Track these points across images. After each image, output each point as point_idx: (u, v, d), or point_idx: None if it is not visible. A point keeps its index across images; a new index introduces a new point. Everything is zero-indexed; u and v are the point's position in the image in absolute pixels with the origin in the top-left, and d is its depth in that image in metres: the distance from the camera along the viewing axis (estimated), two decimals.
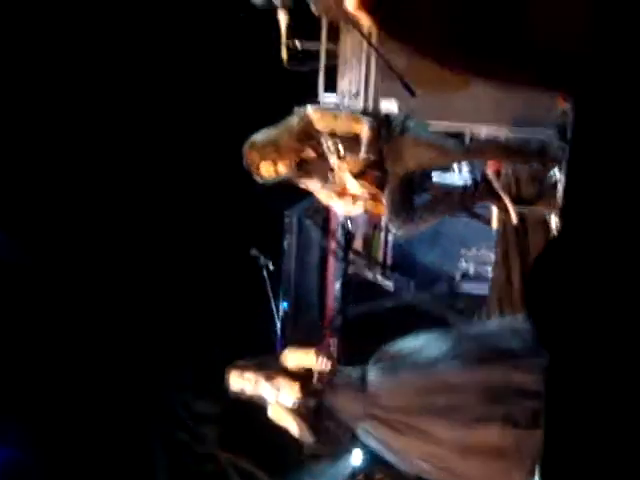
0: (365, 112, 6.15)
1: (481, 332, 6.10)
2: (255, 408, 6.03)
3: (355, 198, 6.31)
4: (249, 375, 5.97)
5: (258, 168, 6.07)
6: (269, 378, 5.93)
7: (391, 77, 5.72)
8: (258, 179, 6.10)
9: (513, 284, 6.44)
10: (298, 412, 5.86)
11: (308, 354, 6.03)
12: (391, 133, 6.12)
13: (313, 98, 6.64)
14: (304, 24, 6.49)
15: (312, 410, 5.87)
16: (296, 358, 6.00)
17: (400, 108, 6.21)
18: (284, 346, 7.40)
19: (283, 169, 6.09)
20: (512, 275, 6.55)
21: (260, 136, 6.11)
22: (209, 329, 8.81)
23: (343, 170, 6.09)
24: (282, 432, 6.00)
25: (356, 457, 7.99)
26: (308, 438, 6.00)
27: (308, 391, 5.88)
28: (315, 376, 5.92)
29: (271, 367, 5.97)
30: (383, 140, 6.09)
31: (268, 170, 6.07)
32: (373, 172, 6.15)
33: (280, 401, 5.89)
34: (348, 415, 5.86)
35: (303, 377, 5.90)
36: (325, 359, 5.94)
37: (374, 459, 7.54)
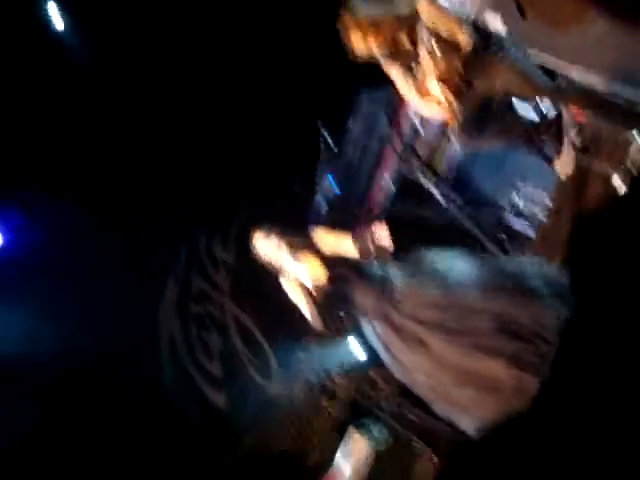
0: (471, 22, 6.03)
1: (513, 267, 6.06)
2: (270, 273, 6.04)
3: (432, 99, 6.24)
4: (274, 239, 5.97)
5: (349, 35, 5.99)
6: (294, 249, 5.93)
7: None
8: (346, 47, 6.01)
9: (561, 233, 6.38)
10: (312, 295, 5.87)
11: (342, 239, 6.02)
12: (488, 49, 6.01)
13: None
14: None
15: (327, 296, 5.87)
16: (329, 240, 5.99)
17: (505, 26, 6.09)
18: (318, 221, 7.40)
19: (373, 45, 6.00)
20: (562, 223, 6.48)
21: (364, 5, 6.01)
22: (249, 180, 8.82)
23: (429, 69, 6.00)
24: (290, 304, 6.01)
25: (353, 346, 8.08)
26: (315, 321, 6.02)
27: (330, 276, 5.88)
28: (341, 262, 5.92)
29: (300, 240, 5.96)
30: (478, 54, 5.98)
31: (358, 41, 5.98)
32: (457, 80, 6.05)
33: (298, 277, 5.90)
34: (362, 309, 5.87)
35: (329, 260, 5.90)
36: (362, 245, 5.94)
37: (370, 356, 7.62)
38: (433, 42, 5.84)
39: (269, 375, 8.23)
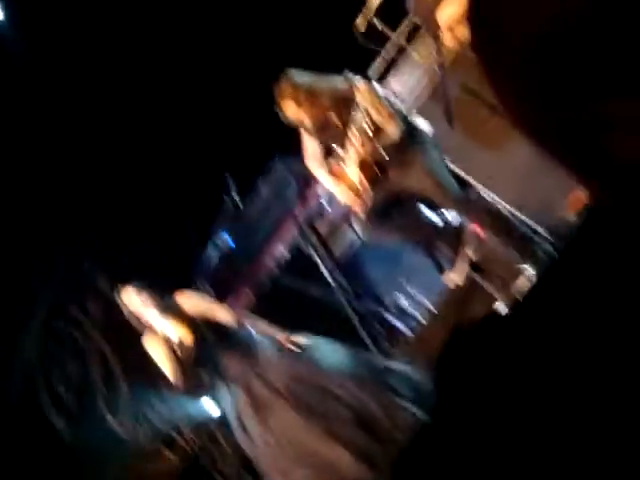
0: (402, 116, 6.12)
1: (380, 363, 6.10)
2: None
3: (345, 182, 6.29)
4: (145, 297, 5.95)
5: (282, 102, 6.02)
6: (163, 308, 5.90)
7: (439, 99, 5.72)
8: (277, 109, 6.05)
9: (436, 339, 6.45)
10: (176, 353, 5.82)
11: (215, 303, 6.03)
12: (411, 145, 6.10)
13: (363, 74, 6.59)
14: (391, 7, 6.43)
15: (191, 356, 5.84)
16: (200, 302, 5.99)
17: (432, 128, 6.20)
18: (203, 274, 7.35)
19: (304, 117, 6.04)
20: (439, 330, 6.55)
21: (301, 76, 6.05)
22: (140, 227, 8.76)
23: (352, 151, 6.06)
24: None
25: (207, 404, 7.99)
26: (175, 378, 5.96)
27: (196, 338, 5.84)
28: (209, 325, 5.90)
29: (170, 300, 5.95)
30: (401, 147, 6.06)
31: (290, 109, 6.02)
32: (374, 169, 6.12)
33: (164, 334, 5.85)
34: (224, 372, 5.83)
35: (196, 322, 5.87)
36: (231, 316, 5.94)
37: (221, 418, 7.55)
38: (363, 124, 5.89)
39: (117, 412, 8.10)
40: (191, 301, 5.99)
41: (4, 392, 7.84)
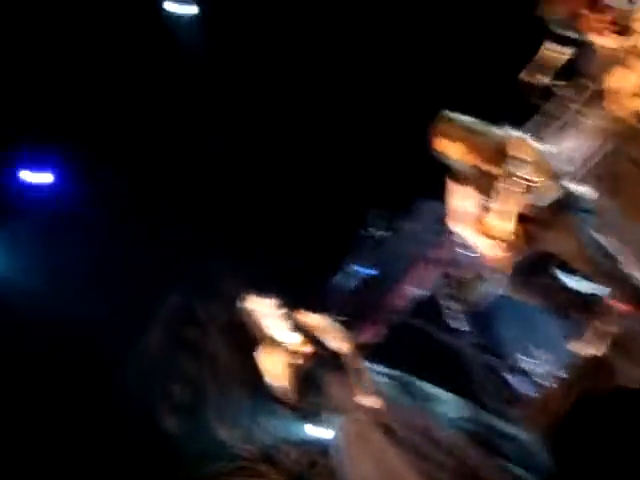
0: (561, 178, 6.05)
1: (493, 422, 6.02)
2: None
3: (489, 234, 6.23)
4: (270, 303, 5.99)
5: (438, 139, 6.02)
6: (287, 322, 5.93)
7: (603, 168, 5.65)
8: (433, 149, 6.04)
9: (560, 407, 6.31)
10: (293, 370, 5.84)
11: (337, 329, 6.04)
12: (565, 210, 6.02)
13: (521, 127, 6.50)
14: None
15: (306, 373, 5.84)
16: (320, 325, 6.00)
17: (591, 200, 6.13)
18: (329, 302, 7.37)
19: (461, 158, 6.02)
20: (565, 399, 6.42)
21: (462, 118, 6.05)
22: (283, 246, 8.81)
23: (503, 204, 6.00)
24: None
25: (311, 428, 8.00)
26: (286, 393, 5.99)
27: (316, 355, 5.85)
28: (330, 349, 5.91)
29: (295, 315, 5.97)
30: (553, 209, 5.99)
31: (445, 147, 6.01)
32: (526, 225, 6.06)
33: (283, 346, 5.87)
34: (334, 400, 5.83)
35: (319, 342, 5.89)
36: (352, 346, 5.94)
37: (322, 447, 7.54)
38: (522, 178, 5.84)
39: (224, 419, 8.16)
40: (314, 320, 6.01)
41: (121, 386, 7.95)
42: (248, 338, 6.59)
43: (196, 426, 8.86)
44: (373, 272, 7.57)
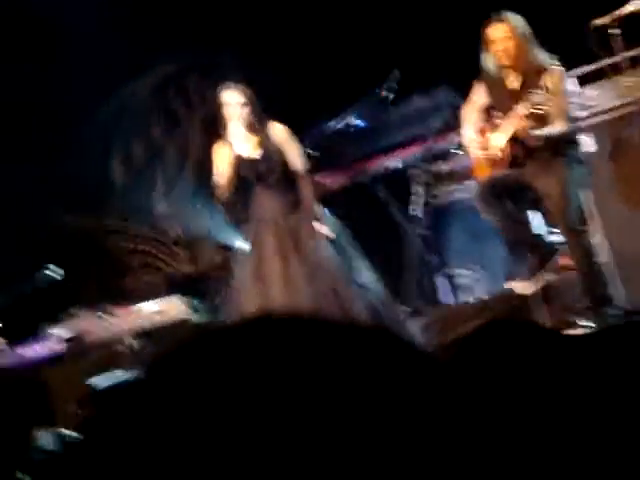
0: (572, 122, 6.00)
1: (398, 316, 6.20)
2: None
3: (485, 145, 6.18)
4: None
5: (492, 25, 6.02)
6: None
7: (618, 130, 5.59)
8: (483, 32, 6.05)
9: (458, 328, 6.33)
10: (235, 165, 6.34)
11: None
12: (562, 152, 5.96)
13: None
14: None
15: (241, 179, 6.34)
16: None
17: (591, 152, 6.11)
18: (317, 139, 7.29)
19: (500, 55, 6.03)
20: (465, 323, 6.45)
21: (519, 20, 6.02)
22: None
23: (511, 122, 5.95)
24: None
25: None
26: (223, 194, 6.49)
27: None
28: None
29: None
30: (553, 147, 5.94)
31: (498, 40, 5.99)
32: (521, 150, 6.00)
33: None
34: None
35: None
36: None
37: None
38: (538, 104, 5.78)
39: (166, 193, 8.24)
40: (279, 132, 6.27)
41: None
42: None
43: (139, 185, 8.95)
44: (364, 126, 7.47)
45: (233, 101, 6.41)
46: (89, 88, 10.01)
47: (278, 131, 6.49)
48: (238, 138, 6.42)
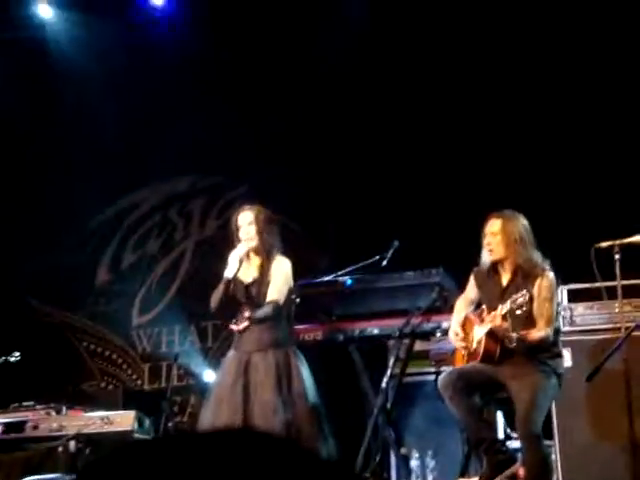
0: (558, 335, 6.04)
1: None
2: None
3: (467, 335, 6.19)
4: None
5: (498, 222, 6.13)
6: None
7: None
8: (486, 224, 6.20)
9: None
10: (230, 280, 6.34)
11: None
12: (536, 362, 5.95)
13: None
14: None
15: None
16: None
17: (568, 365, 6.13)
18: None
19: (497, 250, 6.06)
20: None
21: (521, 221, 6.11)
22: None
23: (491, 318, 5.95)
24: None
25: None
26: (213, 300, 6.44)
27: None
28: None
29: None
30: (526, 356, 5.94)
31: (496, 233, 6.07)
32: (495, 346, 5.99)
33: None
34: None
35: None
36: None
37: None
38: (520, 308, 5.78)
39: None
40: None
41: None
42: None
43: (120, 294, 8.89)
44: (352, 286, 7.48)
45: (245, 222, 6.43)
46: (100, 187, 10.16)
47: (278, 263, 6.46)
48: (237, 258, 6.41)
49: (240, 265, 6.43)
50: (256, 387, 6.23)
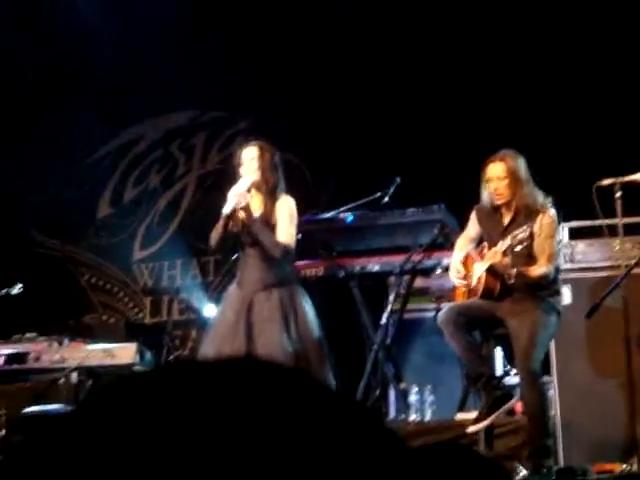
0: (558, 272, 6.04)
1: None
2: None
3: (467, 269, 6.19)
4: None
5: (496, 161, 6.09)
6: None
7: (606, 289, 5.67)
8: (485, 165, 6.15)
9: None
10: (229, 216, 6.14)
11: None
12: (534, 298, 5.96)
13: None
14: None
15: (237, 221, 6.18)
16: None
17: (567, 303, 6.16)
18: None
19: (498, 192, 6.03)
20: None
21: (520, 161, 6.07)
22: None
23: (492, 254, 5.95)
24: None
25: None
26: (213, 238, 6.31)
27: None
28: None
29: None
30: (528, 290, 5.95)
31: (497, 174, 6.03)
32: (495, 283, 6.00)
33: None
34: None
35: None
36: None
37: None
38: (521, 243, 5.77)
39: None
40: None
41: None
42: None
43: (122, 227, 8.86)
44: (353, 222, 7.49)
45: (248, 157, 6.30)
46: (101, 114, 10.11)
47: (283, 204, 6.32)
48: (238, 193, 6.25)
49: (244, 201, 6.25)
50: (261, 326, 6.15)
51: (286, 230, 6.26)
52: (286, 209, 6.30)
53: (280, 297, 6.22)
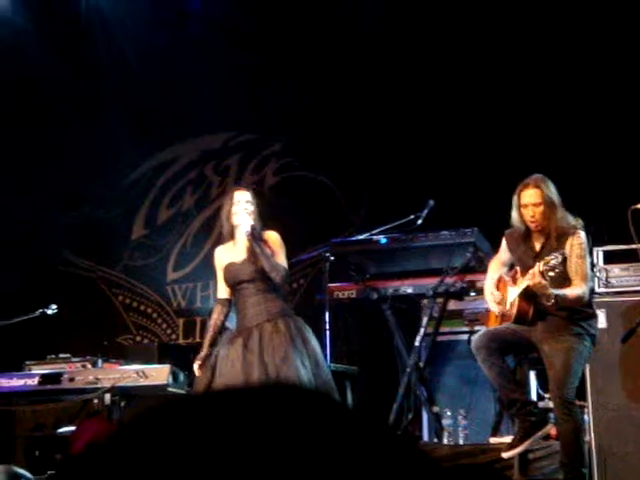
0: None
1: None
2: None
3: (502, 294, 6.16)
4: None
5: (527, 189, 6.02)
6: None
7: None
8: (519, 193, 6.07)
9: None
10: None
11: None
12: (572, 324, 5.92)
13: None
14: None
15: None
16: None
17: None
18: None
19: (532, 217, 5.98)
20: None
21: (551, 188, 6.03)
22: None
23: (527, 279, 5.89)
24: None
25: None
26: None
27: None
28: None
29: None
30: (562, 316, 5.91)
31: (530, 198, 5.99)
32: (528, 307, 5.95)
33: None
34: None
35: None
36: None
37: None
38: (555, 268, 5.73)
39: None
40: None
41: None
42: None
43: (156, 249, 8.90)
44: (387, 245, 7.51)
45: (243, 199, 6.36)
46: (134, 139, 10.20)
47: (272, 236, 6.39)
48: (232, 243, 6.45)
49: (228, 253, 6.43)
50: (275, 353, 6.16)
51: (281, 260, 6.36)
52: (277, 241, 6.40)
53: (287, 326, 6.24)
